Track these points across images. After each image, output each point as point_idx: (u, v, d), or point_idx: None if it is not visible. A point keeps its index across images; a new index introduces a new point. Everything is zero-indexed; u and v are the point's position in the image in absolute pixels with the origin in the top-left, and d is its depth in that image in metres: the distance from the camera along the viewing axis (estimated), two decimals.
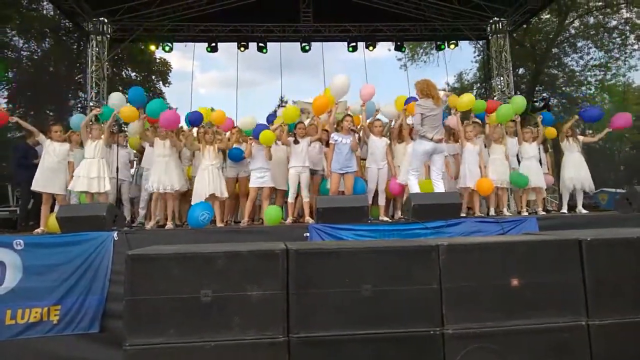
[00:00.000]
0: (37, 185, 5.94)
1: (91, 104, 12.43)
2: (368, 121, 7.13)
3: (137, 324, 3.03)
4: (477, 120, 7.55)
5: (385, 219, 6.58)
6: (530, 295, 3.20)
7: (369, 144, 6.90)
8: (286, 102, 25.89)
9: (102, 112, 6.72)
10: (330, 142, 6.50)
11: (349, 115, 6.70)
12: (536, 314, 3.18)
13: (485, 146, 7.16)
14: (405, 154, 6.86)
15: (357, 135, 6.69)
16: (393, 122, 7.49)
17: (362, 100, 7.21)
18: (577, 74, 23.07)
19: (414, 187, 5.97)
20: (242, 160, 6.96)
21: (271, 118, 8.30)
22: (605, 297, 3.23)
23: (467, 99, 7.23)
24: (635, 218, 5.57)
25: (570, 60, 23.03)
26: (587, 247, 3.27)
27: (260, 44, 13.71)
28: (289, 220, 6.55)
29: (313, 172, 6.85)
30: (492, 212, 6.80)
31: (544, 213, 6.80)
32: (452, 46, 14.47)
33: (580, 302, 3.22)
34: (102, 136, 6.24)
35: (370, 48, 14.22)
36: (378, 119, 7.24)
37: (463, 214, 6.45)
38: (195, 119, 6.88)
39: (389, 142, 6.95)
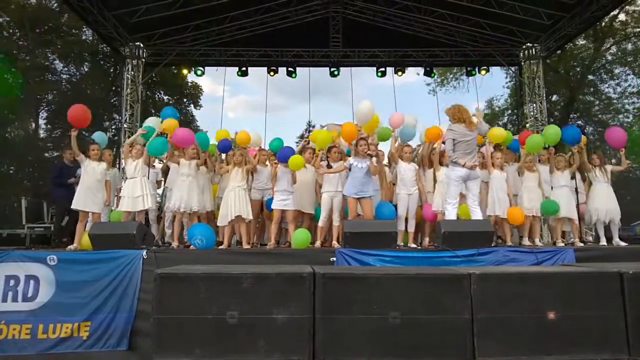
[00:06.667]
0: (77, 204, 6.06)
1: (125, 125, 12.84)
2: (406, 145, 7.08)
3: (164, 343, 3.03)
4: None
5: (414, 245, 6.45)
6: (568, 329, 3.08)
7: (398, 170, 6.83)
8: (314, 127, 26.12)
9: (146, 131, 6.87)
10: (345, 165, 6.43)
11: (362, 139, 6.61)
12: (574, 349, 3.05)
13: (519, 174, 7.00)
14: (434, 179, 6.78)
15: (375, 158, 6.56)
16: (421, 148, 7.42)
17: (391, 128, 7.18)
18: (614, 101, 22.37)
19: (452, 218, 5.82)
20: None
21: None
22: None
23: (499, 133, 7.13)
24: None
25: (607, 87, 22.44)
26: (629, 280, 3.14)
27: (290, 69, 13.90)
28: (317, 243, 6.50)
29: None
30: (525, 241, 6.58)
31: (581, 244, 6.55)
32: (482, 72, 14.28)
33: (621, 337, 3.08)
34: (143, 155, 6.47)
35: (400, 73, 14.15)
36: (408, 145, 7.17)
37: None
38: (224, 147, 7.09)
39: (417, 167, 6.87)
